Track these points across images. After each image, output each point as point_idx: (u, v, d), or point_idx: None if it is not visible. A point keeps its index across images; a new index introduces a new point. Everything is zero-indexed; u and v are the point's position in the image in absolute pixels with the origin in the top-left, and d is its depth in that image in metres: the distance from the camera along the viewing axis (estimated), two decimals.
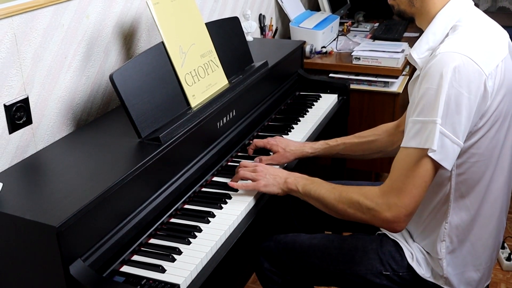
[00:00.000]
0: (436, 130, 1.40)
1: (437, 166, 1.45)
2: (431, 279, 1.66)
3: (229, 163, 2.00)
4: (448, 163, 1.44)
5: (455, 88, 1.40)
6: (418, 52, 1.58)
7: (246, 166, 1.85)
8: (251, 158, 2.03)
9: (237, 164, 1.96)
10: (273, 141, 2.05)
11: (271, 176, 1.78)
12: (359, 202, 1.54)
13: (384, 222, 1.50)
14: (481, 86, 1.43)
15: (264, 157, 2.00)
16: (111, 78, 1.65)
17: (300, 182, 1.73)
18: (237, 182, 1.81)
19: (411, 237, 1.72)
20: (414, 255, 1.68)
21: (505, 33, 1.63)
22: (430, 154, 1.41)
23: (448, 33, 1.55)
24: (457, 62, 1.41)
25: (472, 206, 1.59)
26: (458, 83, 1.40)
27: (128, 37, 2.14)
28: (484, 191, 1.58)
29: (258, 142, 2.07)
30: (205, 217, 1.68)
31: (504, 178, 1.62)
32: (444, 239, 1.61)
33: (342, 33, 3.60)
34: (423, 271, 1.66)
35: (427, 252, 1.68)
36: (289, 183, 1.75)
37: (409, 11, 1.64)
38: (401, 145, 1.50)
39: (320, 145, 2.07)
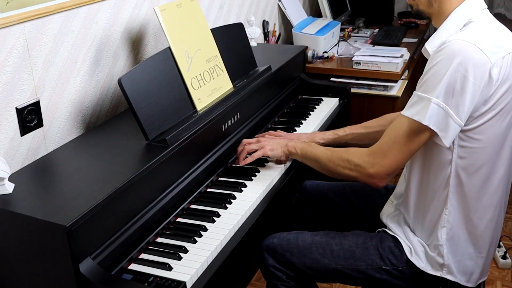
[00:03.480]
0: (429, 107, 1.47)
1: (427, 138, 1.53)
2: (431, 271, 1.66)
3: (234, 164, 2.00)
4: (447, 140, 1.51)
5: (460, 72, 1.45)
6: (432, 46, 1.62)
7: (250, 143, 1.98)
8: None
9: (241, 165, 1.97)
10: (282, 134, 2.13)
11: (274, 142, 1.95)
12: (348, 159, 1.68)
13: (367, 177, 1.64)
14: (486, 72, 1.46)
15: None
16: (119, 82, 1.65)
17: (298, 145, 1.90)
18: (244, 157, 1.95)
19: (412, 231, 1.72)
20: (413, 249, 1.68)
21: None
22: (434, 129, 1.49)
23: (461, 29, 1.58)
24: (465, 49, 1.46)
25: (469, 194, 1.60)
26: (464, 68, 1.45)
27: (136, 43, 2.14)
28: (484, 180, 1.60)
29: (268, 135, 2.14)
30: (211, 216, 1.68)
31: (505, 171, 1.64)
32: (444, 225, 1.62)
33: (343, 38, 3.60)
34: (422, 264, 1.67)
35: (427, 245, 1.68)
36: (289, 146, 1.91)
37: (427, 11, 1.67)
38: (400, 112, 1.58)
39: (329, 135, 2.12)
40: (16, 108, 1.65)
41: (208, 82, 1.98)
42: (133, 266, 1.49)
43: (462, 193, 1.60)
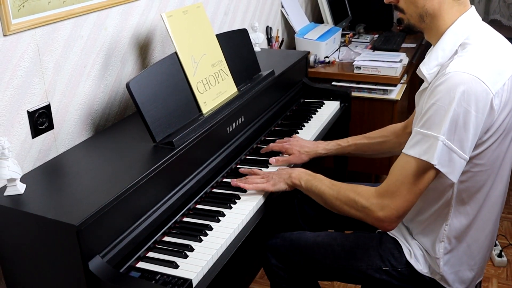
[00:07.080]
0: (437, 146, 1.39)
1: (434, 176, 1.45)
2: (428, 274, 1.65)
3: (238, 166, 1.99)
4: (454, 176, 1.44)
5: (463, 107, 1.38)
6: (428, 68, 1.55)
7: (256, 176, 1.85)
8: (260, 160, 2.02)
9: (246, 166, 1.96)
10: (288, 145, 2.06)
11: (276, 176, 1.81)
12: (355, 200, 1.55)
13: (376, 221, 1.51)
14: (487, 104, 1.40)
15: (281, 158, 2.02)
16: (127, 86, 1.65)
17: (303, 177, 1.75)
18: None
19: (411, 234, 1.71)
20: (412, 252, 1.67)
21: None
22: (438, 167, 1.40)
23: (457, 50, 1.51)
24: (466, 82, 1.38)
25: (471, 212, 1.57)
26: (466, 102, 1.38)
27: (143, 48, 2.14)
28: (484, 198, 1.57)
29: (274, 146, 2.08)
30: (216, 216, 1.67)
31: (503, 186, 1.61)
32: (443, 240, 1.60)
33: (344, 44, 3.59)
34: (421, 267, 1.66)
35: (425, 249, 1.66)
36: (293, 178, 1.77)
37: (419, 26, 1.59)
38: (402, 151, 1.49)
39: (332, 146, 2.09)
40: (28, 111, 1.65)
41: (213, 86, 1.97)
42: (141, 264, 1.49)
43: (464, 212, 1.57)
